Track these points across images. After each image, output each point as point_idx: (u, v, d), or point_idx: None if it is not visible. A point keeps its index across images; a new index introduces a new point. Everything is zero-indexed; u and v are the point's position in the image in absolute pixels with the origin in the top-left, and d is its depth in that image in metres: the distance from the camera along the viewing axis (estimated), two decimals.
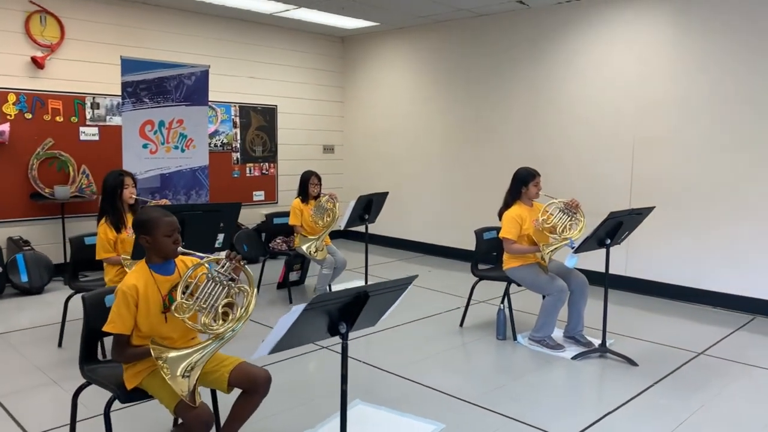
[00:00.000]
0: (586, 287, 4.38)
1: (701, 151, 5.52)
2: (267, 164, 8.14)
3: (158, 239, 2.50)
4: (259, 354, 2.02)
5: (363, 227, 5.57)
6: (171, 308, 2.48)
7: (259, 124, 8.01)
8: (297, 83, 8.38)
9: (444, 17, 7.29)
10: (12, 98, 5.90)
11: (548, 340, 4.37)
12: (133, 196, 4.19)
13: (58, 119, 6.21)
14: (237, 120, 7.75)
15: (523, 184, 4.48)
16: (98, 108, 6.43)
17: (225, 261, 2.44)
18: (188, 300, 2.44)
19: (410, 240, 8.12)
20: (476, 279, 4.86)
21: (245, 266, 2.48)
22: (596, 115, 6.22)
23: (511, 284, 4.62)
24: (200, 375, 2.36)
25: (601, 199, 5.79)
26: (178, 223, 2.60)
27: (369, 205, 5.29)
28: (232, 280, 2.43)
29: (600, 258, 4.24)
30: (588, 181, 6.13)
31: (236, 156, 7.81)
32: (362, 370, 3.95)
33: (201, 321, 2.39)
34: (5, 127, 5.75)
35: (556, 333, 4.48)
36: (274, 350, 2.05)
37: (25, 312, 5.24)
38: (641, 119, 5.90)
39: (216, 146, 7.46)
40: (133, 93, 5.49)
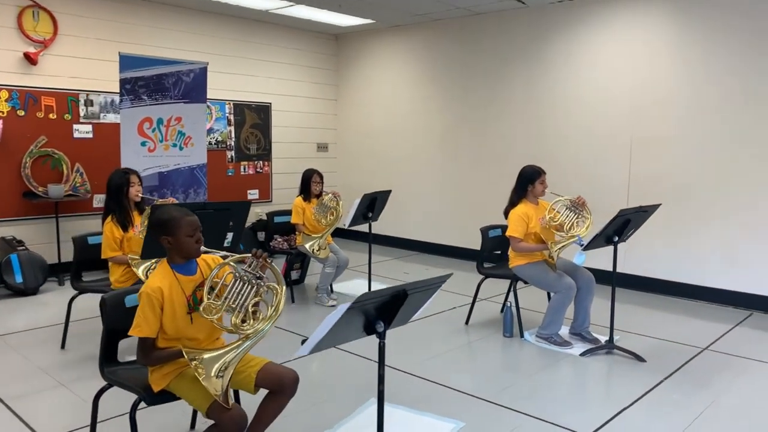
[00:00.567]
0: (593, 284, 4.42)
1: (699, 151, 5.60)
2: (261, 162, 8.07)
3: (180, 239, 2.46)
4: (301, 353, 2.00)
5: (357, 226, 5.49)
6: (197, 309, 2.45)
7: (254, 122, 7.94)
8: (291, 81, 8.33)
9: (440, 15, 7.30)
10: (4, 95, 5.77)
11: (556, 337, 4.40)
12: (139, 194, 4.13)
13: (52, 116, 6.08)
14: (231, 118, 7.67)
15: (530, 182, 4.50)
16: (92, 105, 6.31)
17: (252, 259, 2.40)
18: (216, 300, 2.41)
19: (406, 238, 8.12)
20: (482, 277, 4.87)
21: (272, 264, 2.45)
22: (593, 115, 6.28)
23: (517, 282, 4.64)
24: None
25: (599, 199, 5.81)
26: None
27: (372, 204, 5.26)
28: (260, 279, 2.40)
29: (600, 256, 4.28)
30: (585, 181, 6.18)
31: (231, 154, 7.73)
32: (374, 370, 3.92)
33: (231, 321, 2.35)
34: None
35: (562, 330, 4.50)
36: (314, 350, 2.03)
37: (22, 313, 5.13)
38: (638, 119, 5.96)
39: (210, 144, 7.38)
40: (132, 90, 5.40)
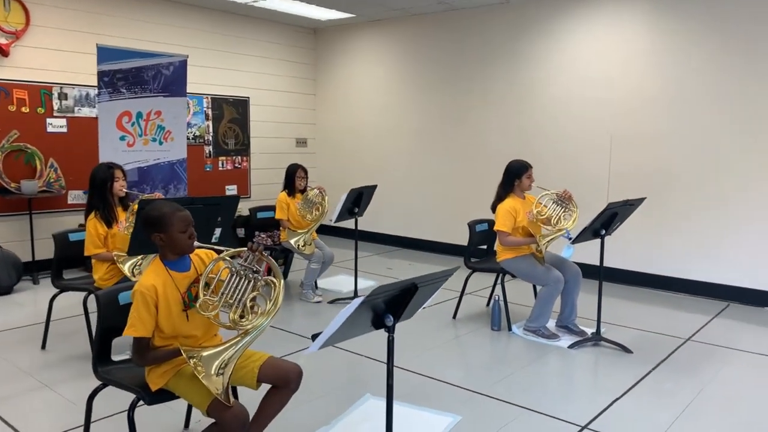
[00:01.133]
0: (580, 277, 4.47)
1: (677, 146, 5.71)
2: (240, 157, 7.96)
3: (173, 236, 2.39)
4: (311, 350, 1.97)
5: (338, 222, 5.45)
6: (192, 305, 2.41)
7: (232, 117, 7.82)
8: (269, 75, 8.23)
9: (420, 10, 7.29)
10: None
11: (543, 330, 4.44)
12: (124, 189, 4.02)
13: (24, 110, 5.89)
14: (209, 112, 7.55)
15: (517, 177, 4.52)
16: (66, 99, 6.14)
17: (248, 253, 2.36)
18: (213, 296, 2.36)
19: (387, 234, 8.11)
20: (469, 271, 4.88)
21: (269, 257, 2.41)
22: (573, 110, 6.35)
23: (504, 276, 4.67)
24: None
25: (579, 194, 5.81)
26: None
27: (358, 199, 5.23)
28: (257, 273, 2.35)
29: (582, 250, 4.33)
30: (565, 176, 6.24)
31: (208, 149, 7.61)
32: (367, 365, 3.92)
33: (229, 317, 2.31)
34: None
35: (549, 323, 4.55)
36: (324, 345, 2.00)
37: None
38: (618, 115, 6.05)
39: (188, 139, 7.23)
40: (110, 83, 5.26)
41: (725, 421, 3.15)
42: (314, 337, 2.01)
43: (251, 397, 2.52)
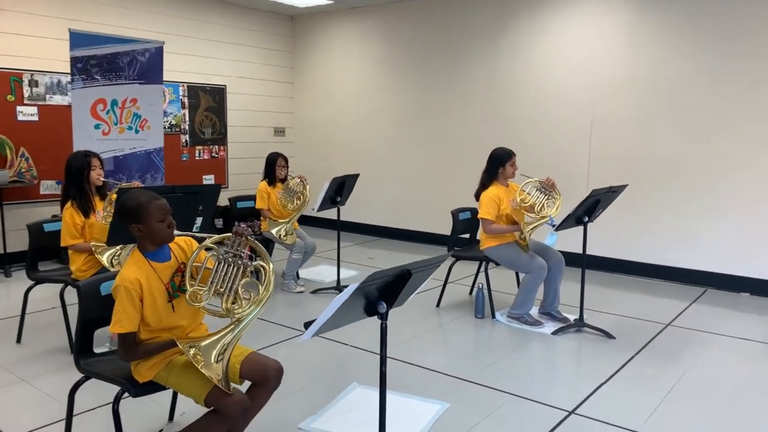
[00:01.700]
0: (563, 264, 4.50)
1: (656, 133, 5.77)
2: (217, 147, 7.84)
3: (152, 225, 2.32)
4: (305, 338, 1.94)
5: (314, 212, 5.39)
6: (177, 296, 2.36)
7: (208, 105, 7.69)
8: (246, 63, 8.10)
9: None
10: None
11: (527, 317, 4.46)
12: (101, 178, 3.92)
13: None
14: (185, 100, 7.40)
15: (500, 164, 4.52)
16: (37, 86, 5.95)
17: (233, 237, 2.30)
18: (201, 286, 2.30)
19: (366, 224, 8.07)
20: (452, 260, 4.88)
21: (255, 241, 2.36)
22: (554, 98, 6.37)
23: (487, 264, 4.68)
24: None
25: (559, 180, 5.90)
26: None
27: (341, 188, 5.18)
28: (244, 258, 2.30)
29: (563, 238, 4.37)
30: (546, 164, 6.27)
31: (185, 138, 7.47)
32: (352, 354, 3.89)
33: (222, 305, 2.25)
34: None
35: (532, 310, 4.57)
36: (317, 333, 1.96)
37: None
38: (598, 102, 6.09)
39: (164, 128, 7.09)
40: (84, 69, 5.11)
41: (708, 404, 3.20)
42: (307, 325, 1.97)
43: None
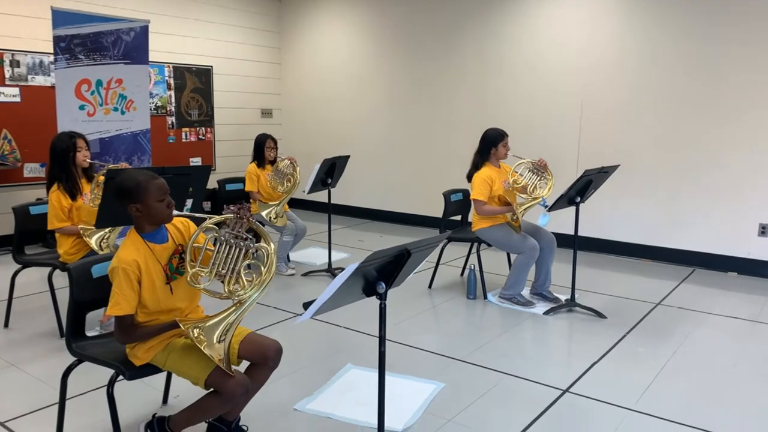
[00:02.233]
0: (554, 245, 4.51)
1: (645, 114, 5.77)
2: (203, 129, 7.74)
3: (150, 205, 2.28)
4: (304, 318, 1.91)
5: (304, 194, 5.33)
6: (175, 277, 2.33)
7: (195, 86, 7.57)
8: (233, 43, 7.98)
9: None
10: None
11: (519, 298, 4.48)
12: (87, 160, 3.84)
13: None
14: (171, 81, 7.28)
15: (493, 145, 4.50)
16: (18, 66, 5.82)
17: (234, 219, 2.27)
18: (203, 267, 2.28)
19: (356, 206, 8.04)
20: (444, 241, 4.87)
21: (256, 222, 2.33)
22: (544, 79, 6.34)
23: (479, 245, 4.68)
24: None
25: (548, 161, 5.93)
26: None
27: (331, 170, 5.14)
28: (246, 240, 2.27)
29: (554, 220, 4.37)
30: (536, 144, 6.26)
31: (171, 120, 7.36)
32: (346, 336, 3.88)
33: (225, 288, 2.23)
34: None
35: (524, 290, 4.58)
36: (316, 314, 1.94)
37: None
38: (589, 83, 6.07)
39: (150, 109, 6.98)
40: (67, 48, 4.98)
41: (699, 381, 3.24)
42: (306, 306, 1.95)
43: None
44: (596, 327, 4.05)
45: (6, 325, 3.96)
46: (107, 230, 3.70)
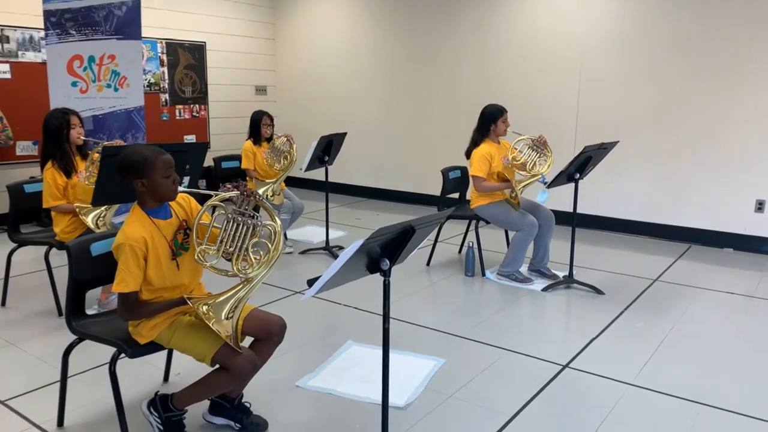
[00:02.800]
0: (553, 221, 4.50)
1: (644, 88, 5.74)
2: (197, 106, 7.65)
3: (156, 181, 2.24)
4: (309, 295, 1.90)
5: (301, 171, 5.28)
6: (180, 253, 2.31)
7: (188, 63, 7.46)
8: (226, 18, 7.85)
9: None
10: None
11: (517, 274, 4.48)
12: (81, 137, 3.78)
13: None
14: (164, 58, 7.17)
15: (492, 121, 4.46)
16: (8, 42, 5.71)
17: (242, 197, 2.24)
18: (210, 245, 2.26)
19: (352, 184, 8.00)
20: (443, 219, 4.84)
21: (262, 200, 2.31)
22: (542, 53, 6.28)
23: (478, 222, 4.67)
24: None
25: (546, 137, 5.91)
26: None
27: (328, 147, 5.09)
28: (253, 217, 2.25)
29: (552, 197, 4.37)
30: (534, 119, 6.22)
31: (164, 97, 7.26)
32: (346, 313, 3.88)
33: (233, 266, 2.21)
34: None
35: (522, 267, 4.59)
36: (321, 291, 1.93)
37: None
38: (587, 57, 6.02)
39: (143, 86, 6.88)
40: (58, 23, 4.88)
41: (698, 356, 3.26)
42: (310, 283, 1.93)
43: None
44: (594, 303, 4.06)
45: (3, 304, 3.94)
46: (103, 208, 3.66)
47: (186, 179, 3.82)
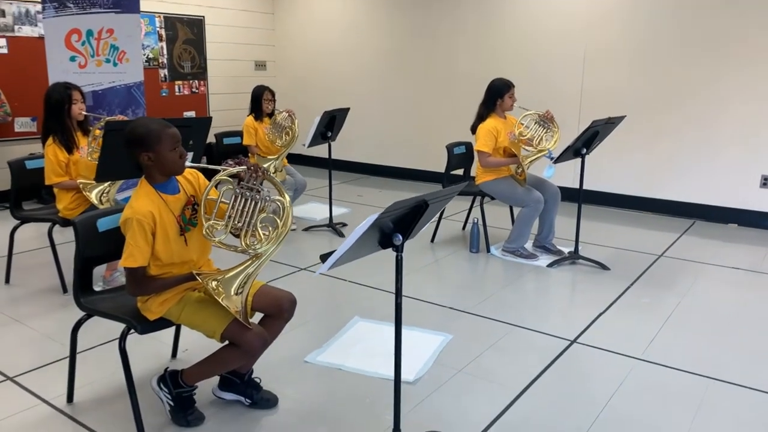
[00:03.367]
0: (558, 197, 4.47)
1: (649, 64, 5.67)
2: (197, 82, 7.55)
3: (163, 155, 2.20)
4: (323, 270, 1.88)
5: (304, 147, 5.21)
6: (188, 229, 2.29)
7: (187, 37, 7.35)
8: None
9: None
10: None
11: (522, 250, 4.47)
12: (83, 112, 3.73)
13: None
14: (162, 32, 7.06)
15: (499, 96, 4.41)
16: (4, 16, 5.60)
17: (250, 172, 2.21)
18: (218, 220, 2.24)
19: (353, 161, 7.94)
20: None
21: (270, 175, 2.27)
22: (546, 28, 6.20)
23: (483, 199, 4.64)
24: None
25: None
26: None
27: (331, 123, 5.03)
28: (260, 193, 2.22)
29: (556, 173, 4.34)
30: (539, 94, 6.15)
31: (163, 73, 7.17)
32: (352, 289, 3.87)
33: (241, 241, 2.19)
34: None
35: (526, 243, 4.57)
36: (334, 266, 1.91)
37: None
38: (592, 31, 5.94)
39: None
40: None
41: (705, 330, 3.26)
42: (323, 258, 1.91)
43: None
44: (600, 279, 4.06)
45: (7, 282, 3.92)
46: (107, 184, 3.63)
47: (189, 155, 3.77)
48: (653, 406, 2.53)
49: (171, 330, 2.87)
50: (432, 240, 4.89)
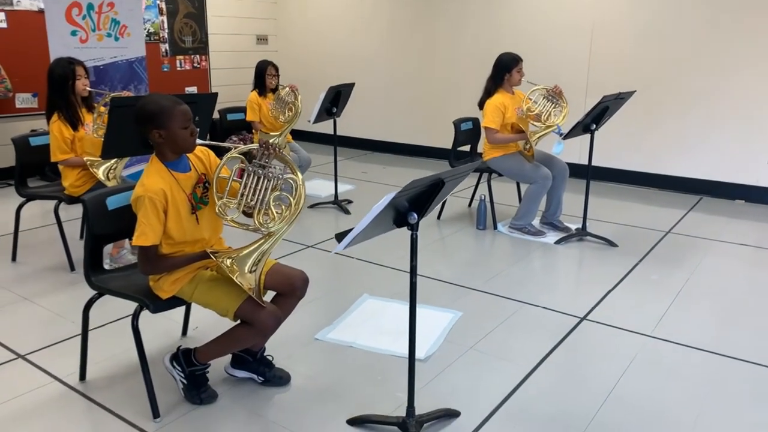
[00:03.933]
0: (566, 173, 4.44)
1: (657, 40, 5.59)
2: (198, 57, 7.45)
3: (174, 132, 2.17)
4: (339, 248, 1.86)
5: (309, 123, 5.15)
6: (200, 207, 2.27)
7: (188, 11, 7.23)
8: None
9: None
10: None
11: (529, 227, 4.45)
12: (87, 88, 3.68)
13: None
14: (163, 6, 6.94)
15: (506, 71, 4.34)
16: None
17: (262, 150, 2.19)
18: (231, 198, 2.22)
19: (356, 137, 7.87)
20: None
21: (282, 153, 2.25)
22: (552, 2, 6.09)
23: (490, 175, 4.61)
24: None
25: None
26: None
27: (336, 98, 4.98)
28: (273, 170, 2.20)
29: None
30: (546, 68, 6.07)
31: (164, 47, 7.07)
32: (360, 267, 3.86)
33: (255, 219, 2.17)
34: None
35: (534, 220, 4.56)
36: (350, 245, 1.89)
37: None
38: (600, 3, 5.84)
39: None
40: None
41: (715, 307, 3.26)
42: (339, 237, 1.89)
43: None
44: (608, 255, 4.05)
45: (14, 259, 3.91)
46: (114, 161, 3.59)
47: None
48: (665, 383, 2.54)
49: (181, 308, 2.87)
50: (438, 217, 4.88)
